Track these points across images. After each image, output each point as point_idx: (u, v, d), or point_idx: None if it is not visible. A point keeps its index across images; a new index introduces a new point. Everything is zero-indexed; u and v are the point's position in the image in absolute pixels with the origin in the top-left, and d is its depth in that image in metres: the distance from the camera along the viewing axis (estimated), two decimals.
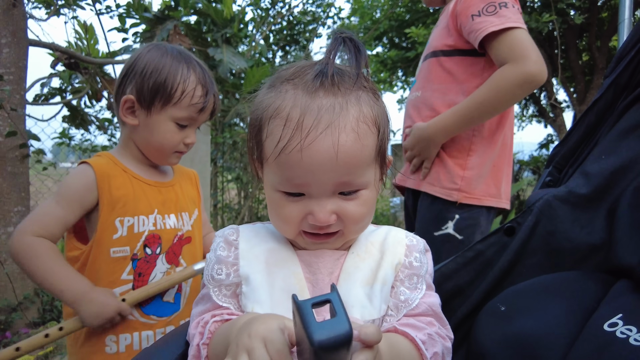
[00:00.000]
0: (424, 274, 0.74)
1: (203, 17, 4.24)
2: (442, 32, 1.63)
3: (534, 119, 8.88)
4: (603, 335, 0.64)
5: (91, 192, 1.14)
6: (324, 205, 0.64)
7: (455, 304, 0.91)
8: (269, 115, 0.64)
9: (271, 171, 0.66)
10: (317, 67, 0.65)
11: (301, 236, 0.69)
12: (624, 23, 1.69)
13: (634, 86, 0.90)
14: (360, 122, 0.62)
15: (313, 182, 0.63)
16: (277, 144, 0.61)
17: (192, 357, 0.68)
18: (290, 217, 0.66)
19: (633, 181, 0.83)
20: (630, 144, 0.85)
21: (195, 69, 1.21)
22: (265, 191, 0.71)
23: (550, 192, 0.91)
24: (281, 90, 0.65)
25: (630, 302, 0.69)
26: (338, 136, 0.60)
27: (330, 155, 0.60)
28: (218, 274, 0.70)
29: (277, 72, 0.70)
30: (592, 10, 5.31)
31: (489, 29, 1.42)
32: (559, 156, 0.97)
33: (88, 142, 4.51)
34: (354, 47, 0.65)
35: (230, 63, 3.87)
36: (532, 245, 0.89)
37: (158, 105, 1.16)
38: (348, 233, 0.69)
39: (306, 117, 0.60)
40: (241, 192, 4.99)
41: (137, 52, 1.23)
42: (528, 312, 0.77)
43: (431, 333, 0.69)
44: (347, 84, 0.64)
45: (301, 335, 0.48)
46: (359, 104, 0.64)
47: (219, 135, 4.51)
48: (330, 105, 0.61)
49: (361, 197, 0.66)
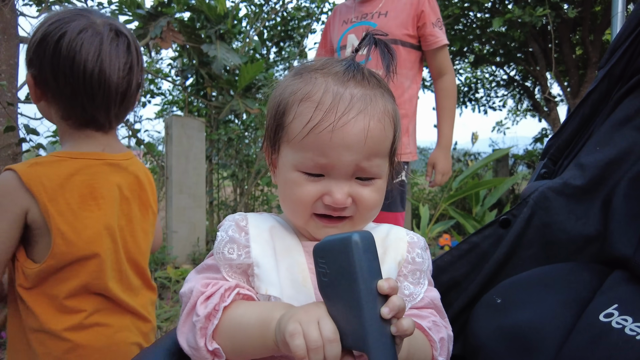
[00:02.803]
0: (426, 270, 0.75)
1: (196, 14, 4.21)
2: (404, 22, 1.92)
3: (528, 113, 8.91)
4: (599, 325, 0.64)
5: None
6: (342, 186, 0.67)
7: (451, 297, 0.91)
8: (298, 98, 0.67)
9: (293, 151, 0.68)
10: (346, 62, 0.69)
11: (313, 220, 0.70)
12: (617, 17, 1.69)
13: (628, 77, 0.90)
14: (386, 116, 0.68)
15: (337, 163, 0.65)
16: (307, 124, 0.64)
17: (203, 317, 0.65)
18: (306, 196, 0.68)
19: (628, 172, 0.83)
20: (625, 135, 0.85)
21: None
22: (280, 174, 0.72)
23: (545, 184, 0.91)
24: (310, 78, 0.68)
25: (625, 292, 0.69)
26: (369, 122, 0.65)
27: (359, 139, 0.64)
28: (229, 253, 0.70)
29: (302, 64, 0.73)
30: (585, 4, 5.32)
31: (443, 41, 1.92)
32: (554, 148, 0.97)
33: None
34: (385, 49, 0.71)
35: (224, 59, 3.85)
36: (528, 237, 0.89)
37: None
38: (358, 219, 0.71)
39: (340, 102, 0.64)
40: (237, 189, 4.98)
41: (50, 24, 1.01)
42: (524, 304, 0.78)
43: (435, 320, 0.73)
44: (375, 81, 0.69)
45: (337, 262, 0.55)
46: (385, 99, 0.69)
47: (213, 132, 4.49)
48: (362, 94, 0.66)
49: (376, 184, 0.70)
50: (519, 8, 4.65)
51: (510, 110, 9.02)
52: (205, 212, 4.30)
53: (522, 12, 4.52)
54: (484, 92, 8.58)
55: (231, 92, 4.41)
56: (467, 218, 4.87)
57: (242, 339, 0.63)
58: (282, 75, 3.84)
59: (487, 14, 5.82)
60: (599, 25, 5.78)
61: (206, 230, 4.26)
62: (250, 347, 0.63)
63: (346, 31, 2.01)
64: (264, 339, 0.61)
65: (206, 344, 0.64)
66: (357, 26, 1.98)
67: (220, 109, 4.37)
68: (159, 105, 5.69)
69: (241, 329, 0.64)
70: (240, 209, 4.72)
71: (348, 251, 0.53)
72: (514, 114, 9.06)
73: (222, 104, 4.35)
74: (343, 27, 2.02)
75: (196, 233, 4.12)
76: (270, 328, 0.60)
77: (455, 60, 7.64)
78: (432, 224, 5.18)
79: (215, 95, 4.67)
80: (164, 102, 5.70)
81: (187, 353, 0.67)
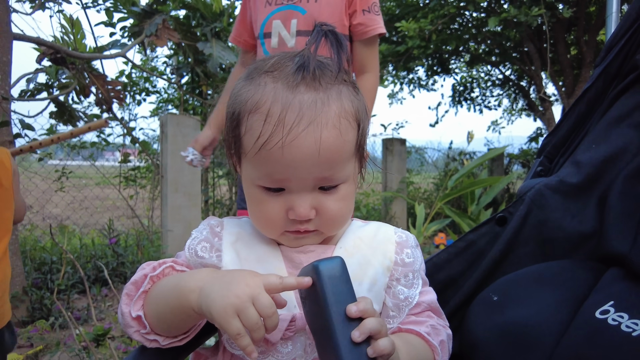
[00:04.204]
0: (418, 269, 0.74)
1: (192, 11, 4.20)
2: (338, 11, 1.65)
3: (523, 113, 8.95)
4: (595, 322, 0.64)
5: None
6: (305, 199, 0.64)
7: (448, 294, 0.91)
8: (247, 109, 0.62)
9: (250, 166, 0.65)
10: (298, 60, 0.63)
11: (284, 235, 0.68)
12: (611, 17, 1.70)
13: (623, 75, 0.90)
14: (342, 118, 0.62)
15: (294, 178, 0.62)
16: (257, 140, 0.60)
17: (131, 284, 0.66)
18: (272, 215, 0.65)
19: (623, 169, 0.83)
20: (621, 133, 0.86)
21: None
22: (243, 186, 0.70)
23: (541, 181, 0.91)
24: (260, 83, 0.63)
25: (621, 289, 0.69)
26: (320, 133, 0.59)
27: (312, 152, 0.59)
28: (202, 251, 0.70)
29: (255, 64, 0.68)
30: (580, 4, 5.35)
31: (378, 29, 1.63)
32: (550, 146, 0.98)
33: (77, 138, 4.45)
34: (335, 40, 0.64)
35: (219, 57, 3.84)
36: (524, 234, 0.89)
37: None
38: (325, 231, 0.68)
39: (288, 113, 0.59)
40: (232, 188, 4.97)
41: None
42: (520, 301, 0.78)
43: (433, 324, 0.72)
44: (328, 78, 0.63)
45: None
46: (340, 99, 0.63)
47: None
48: (312, 100, 0.60)
49: (340, 191, 0.66)
50: (515, 8, 4.66)
51: (505, 109, 9.06)
52: (200, 211, 4.29)
53: (517, 12, 4.53)
54: (479, 92, 8.62)
55: None
56: (463, 217, 4.89)
57: (163, 307, 0.63)
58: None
59: (483, 14, 5.83)
60: (593, 26, 5.82)
61: None
62: (171, 315, 0.63)
63: (270, 15, 1.72)
64: (182, 308, 0.61)
65: (130, 311, 0.65)
66: (284, 10, 1.70)
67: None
68: (154, 103, 5.67)
69: (162, 297, 0.64)
70: (235, 207, 4.71)
71: (316, 279, 0.54)
72: (509, 113, 9.10)
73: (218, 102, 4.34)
74: (266, 9, 1.73)
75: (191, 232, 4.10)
76: (190, 299, 0.59)
77: (451, 59, 7.66)
78: (428, 222, 5.20)
79: (211, 94, 4.65)
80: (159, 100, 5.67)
81: (119, 322, 0.67)
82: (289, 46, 1.69)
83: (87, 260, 3.52)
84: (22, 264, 2.76)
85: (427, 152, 7.78)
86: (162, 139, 4.08)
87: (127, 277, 3.37)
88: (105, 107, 3.69)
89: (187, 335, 0.68)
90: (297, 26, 1.67)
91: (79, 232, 4.44)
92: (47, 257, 3.25)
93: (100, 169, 4.51)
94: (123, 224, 4.65)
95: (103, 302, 3.04)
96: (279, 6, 1.71)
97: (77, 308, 2.91)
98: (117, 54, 3.62)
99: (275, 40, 1.72)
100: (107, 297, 3.17)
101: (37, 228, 4.26)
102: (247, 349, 0.54)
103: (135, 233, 3.96)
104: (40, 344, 2.36)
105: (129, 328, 0.65)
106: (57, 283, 2.80)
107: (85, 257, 3.58)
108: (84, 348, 2.11)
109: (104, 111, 3.84)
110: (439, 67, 7.67)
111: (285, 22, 1.70)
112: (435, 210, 5.32)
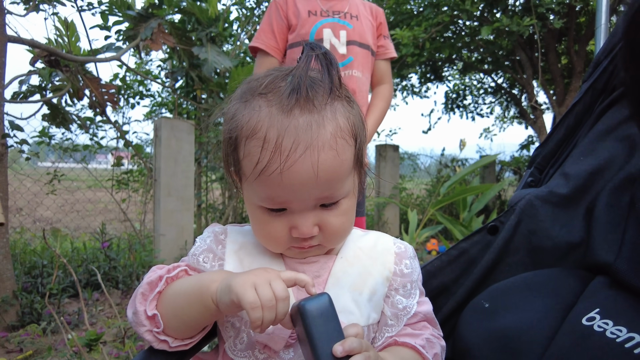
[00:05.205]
0: (416, 280, 0.76)
1: (187, 16, 4.21)
2: (372, 31, 2.05)
3: (515, 121, 9.04)
4: (581, 329, 0.67)
5: None
6: (307, 218, 0.65)
7: (441, 301, 0.93)
8: (244, 134, 0.63)
9: (251, 189, 0.66)
10: (290, 81, 0.63)
11: (290, 249, 0.70)
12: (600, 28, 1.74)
13: (610, 90, 0.93)
14: (338, 138, 0.62)
15: (294, 200, 0.64)
16: (256, 166, 0.61)
17: (146, 284, 0.68)
18: (276, 233, 0.67)
19: (609, 181, 0.86)
20: (607, 146, 0.89)
21: None
22: (246, 205, 0.72)
23: (531, 192, 0.93)
24: (254, 107, 0.63)
25: (606, 297, 0.72)
26: (318, 156, 0.60)
27: (310, 176, 0.61)
28: (204, 262, 0.72)
29: (248, 83, 0.68)
30: (570, 15, 5.44)
31: (394, 53, 2.13)
32: (540, 157, 1.00)
33: (69, 141, 4.43)
34: (325, 61, 0.65)
35: (214, 62, 3.85)
36: (515, 243, 0.91)
37: None
38: (328, 244, 0.70)
39: (285, 139, 0.60)
40: (225, 192, 4.96)
41: None
42: (511, 308, 0.80)
43: (428, 337, 0.73)
44: (321, 97, 0.63)
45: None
46: (335, 118, 0.63)
47: (203, 135, 4.47)
48: (307, 124, 0.61)
49: (341, 206, 0.67)
50: (507, 17, 4.74)
51: (497, 117, 9.15)
52: (193, 215, 4.28)
53: (509, 22, 4.60)
54: (471, 99, 8.70)
55: (221, 95, 4.40)
56: (455, 223, 4.92)
57: (182, 301, 0.65)
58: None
59: (476, 22, 5.91)
60: (583, 36, 5.92)
61: (194, 234, 4.23)
62: (189, 309, 0.65)
63: (320, 23, 1.96)
64: (202, 297, 0.63)
65: (146, 309, 0.66)
66: (332, 22, 1.96)
67: (210, 112, 4.35)
68: (148, 107, 5.66)
69: (181, 292, 0.67)
70: (228, 212, 4.70)
71: (303, 319, 0.56)
72: (501, 121, 9.19)
73: (212, 107, 4.34)
74: (312, 19, 1.96)
75: (184, 236, 4.09)
76: (211, 288, 0.62)
77: (444, 67, 7.74)
78: (420, 228, 5.23)
79: (205, 98, 4.66)
80: (153, 104, 5.66)
81: (130, 322, 0.69)
82: (340, 52, 1.95)
83: (78, 264, 3.50)
84: (12, 267, 2.74)
85: (420, 158, 7.84)
86: (155, 143, 4.07)
87: (119, 281, 3.34)
88: (99, 110, 3.68)
89: (194, 339, 0.70)
90: (347, 37, 1.97)
91: (70, 236, 4.40)
92: (38, 260, 3.23)
93: (93, 171, 4.48)
94: (115, 228, 4.62)
95: (95, 306, 3.02)
96: (326, 17, 1.97)
97: (68, 312, 2.88)
98: (111, 57, 3.61)
99: (327, 46, 1.94)
100: (99, 301, 3.15)
101: (28, 231, 4.22)
102: (256, 322, 0.56)
103: (127, 237, 3.94)
104: (30, 348, 2.34)
105: (141, 327, 0.66)
106: (49, 287, 2.77)
107: (76, 261, 3.55)
108: (76, 353, 2.10)
109: (98, 114, 3.83)
110: (432, 74, 7.75)
111: (334, 32, 1.95)
112: (427, 217, 5.35)
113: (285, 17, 2.00)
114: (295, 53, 1.96)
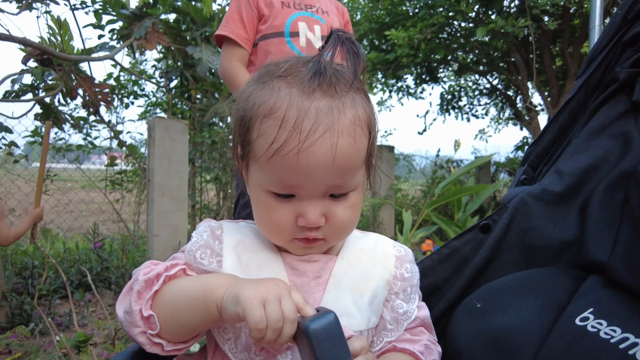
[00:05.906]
0: (416, 284, 0.75)
1: (182, 15, 4.18)
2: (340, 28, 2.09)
3: (510, 122, 9.07)
4: (575, 329, 0.65)
5: None
6: (315, 206, 0.63)
7: (432, 301, 0.92)
8: (261, 113, 0.61)
9: (260, 171, 0.64)
10: (312, 66, 0.62)
11: (293, 242, 0.67)
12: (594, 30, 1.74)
13: (604, 87, 0.92)
14: (356, 126, 0.62)
15: (306, 184, 0.62)
16: (271, 145, 0.59)
17: (143, 281, 0.63)
18: (281, 221, 0.64)
19: (603, 179, 0.85)
20: (601, 143, 0.87)
21: None
22: (250, 191, 0.69)
23: (525, 189, 0.92)
24: (274, 88, 0.62)
25: (600, 297, 0.70)
26: (337, 140, 0.59)
27: (327, 159, 0.59)
28: (201, 258, 0.68)
29: (266, 67, 0.67)
30: (564, 17, 5.47)
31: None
32: (534, 155, 0.99)
33: (62, 141, 4.39)
34: (352, 49, 0.64)
35: (209, 62, 3.82)
36: (507, 242, 0.90)
37: None
38: (332, 239, 0.68)
39: (305, 119, 0.58)
40: (220, 193, 4.93)
41: None
42: (503, 308, 0.78)
43: (426, 343, 0.73)
44: (343, 85, 0.62)
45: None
46: (355, 107, 0.63)
47: (197, 135, 4.45)
48: (329, 107, 0.60)
49: (350, 199, 0.66)
50: (502, 19, 4.75)
51: (492, 118, 9.18)
52: (187, 216, 4.25)
53: (504, 23, 4.61)
54: (467, 100, 8.72)
55: (216, 95, 4.38)
56: (449, 224, 4.92)
57: (183, 304, 0.61)
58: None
59: (471, 24, 5.92)
60: (577, 38, 5.95)
61: (188, 234, 4.20)
62: (189, 313, 0.61)
63: (295, 16, 1.89)
64: (206, 303, 0.59)
65: (142, 309, 0.62)
66: (306, 16, 1.91)
67: (205, 112, 4.33)
68: (142, 106, 5.62)
69: (182, 293, 0.62)
70: (223, 212, 4.67)
71: (310, 341, 0.54)
72: (496, 122, 9.22)
73: (207, 107, 4.32)
74: (286, 10, 1.89)
75: (178, 237, 4.06)
76: (216, 294, 0.59)
77: (439, 68, 7.75)
78: (415, 229, 5.22)
79: (200, 98, 4.63)
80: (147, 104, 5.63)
81: (121, 322, 0.64)
82: (316, 47, 1.84)
83: (70, 265, 3.46)
84: (3, 268, 2.70)
85: (415, 159, 7.85)
86: (149, 143, 4.04)
87: (111, 282, 3.31)
88: (93, 110, 3.65)
89: (187, 344, 0.66)
90: (321, 32, 1.89)
91: (62, 236, 4.36)
92: (29, 261, 3.19)
93: (86, 172, 4.44)
94: (108, 228, 4.59)
95: (86, 307, 2.98)
96: (299, 10, 1.90)
97: (58, 314, 2.85)
98: (105, 56, 3.59)
99: (304, 40, 1.89)
100: (91, 302, 3.12)
101: None
102: (256, 339, 0.54)
103: (120, 237, 3.91)
104: (19, 350, 2.31)
105: (135, 328, 0.62)
106: (39, 288, 2.74)
107: (68, 262, 3.51)
108: (65, 355, 2.07)
109: (91, 114, 3.80)
110: (427, 75, 7.76)
111: (309, 26, 1.89)
112: (422, 217, 5.35)
113: (255, 6, 1.90)
114: (269, 45, 1.87)
